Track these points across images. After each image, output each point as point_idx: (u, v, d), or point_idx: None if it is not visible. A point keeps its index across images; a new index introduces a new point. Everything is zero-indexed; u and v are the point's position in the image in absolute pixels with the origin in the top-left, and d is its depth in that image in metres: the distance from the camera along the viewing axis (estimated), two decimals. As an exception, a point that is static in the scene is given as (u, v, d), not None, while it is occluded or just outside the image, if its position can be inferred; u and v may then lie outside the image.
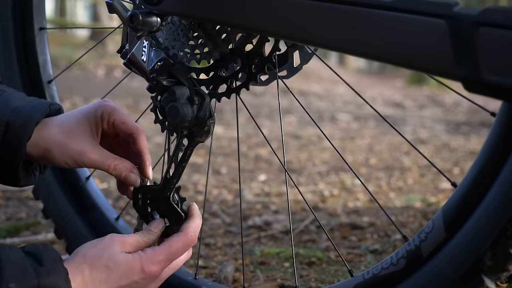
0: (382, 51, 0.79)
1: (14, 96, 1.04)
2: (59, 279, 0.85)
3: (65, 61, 8.14)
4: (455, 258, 0.89)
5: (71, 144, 1.02)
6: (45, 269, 0.84)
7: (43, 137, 1.02)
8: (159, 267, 0.95)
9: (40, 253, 0.86)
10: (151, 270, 0.94)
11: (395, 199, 2.49)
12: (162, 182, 1.05)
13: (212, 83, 1.09)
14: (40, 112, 1.02)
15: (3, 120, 1.00)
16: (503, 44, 0.69)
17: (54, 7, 16.28)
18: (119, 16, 1.03)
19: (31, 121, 1.00)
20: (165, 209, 1.05)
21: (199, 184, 2.74)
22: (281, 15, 0.87)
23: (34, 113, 1.01)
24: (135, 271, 0.93)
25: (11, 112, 1.01)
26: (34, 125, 1.00)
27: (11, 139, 1.00)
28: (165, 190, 1.04)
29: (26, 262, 0.83)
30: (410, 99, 7.97)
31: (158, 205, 1.05)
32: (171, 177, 1.04)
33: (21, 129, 1.00)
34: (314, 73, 10.23)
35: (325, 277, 1.54)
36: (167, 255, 0.96)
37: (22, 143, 1.00)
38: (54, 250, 0.88)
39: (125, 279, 0.92)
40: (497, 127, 0.87)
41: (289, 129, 4.68)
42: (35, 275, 0.83)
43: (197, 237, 1.00)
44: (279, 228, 2.02)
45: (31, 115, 1.01)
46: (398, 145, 4.04)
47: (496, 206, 0.85)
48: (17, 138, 1.00)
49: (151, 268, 0.94)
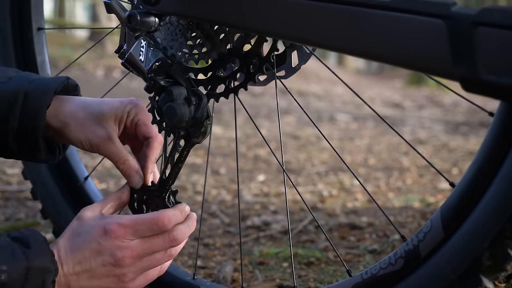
0: (380, 51, 0.79)
1: (31, 74, 1.07)
2: (46, 260, 0.89)
3: (64, 62, 8.14)
4: (453, 258, 0.89)
5: (92, 127, 1.03)
6: (33, 251, 0.87)
7: (64, 111, 1.04)
8: (123, 231, 0.95)
9: (26, 237, 0.89)
10: (112, 229, 0.94)
11: (393, 199, 2.49)
12: (158, 183, 1.05)
13: (210, 83, 1.08)
14: (58, 83, 1.04)
15: (21, 90, 1.02)
16: (501, 44, 0.69)
17: (53, 7, 16.28)
18: (117, 16, 1.03)
19: (50, 91, 1.02)
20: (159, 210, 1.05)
21: (197, 184, 2.74)
22: (279, 15, 0.87)
23: (52, 83, 1.04)
24: (100, 231, 0.95)
25: (29, 83, 1.03)
26: (52, 94, 1.02)
27: (30, 108, 1.02)
28: (161, 191, 1.04)
29: (14, 246, 0.87)
30: (409, 100, 7.97)
31: (153, 206, 1.05)
32: (167, 178, 1.04)
33: (40, 98, 1.02)
34: (313, 74, 10.23)
35: (323, 277, 1.54)
36: (130, 222, 0.96)
37: (42, 112, 1.01)
38: (39, 234, 0.91)
39: (92, 242, 0.94)
40: (495, 127, 0.87)
41: (288, 130, 4.68)
42: (24, 257, 0.86)
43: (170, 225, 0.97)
44: (278, 228, 2.02)
45: (49, 85, 1.03)
46: (397, 145, 4.04)
47: (494, 206, 0.85)
48: (36, 106, 1.02)
49: (113, 227, 0.95)
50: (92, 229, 0.95)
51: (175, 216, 0.99)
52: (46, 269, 0.88)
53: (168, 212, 0.98)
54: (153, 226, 0.96)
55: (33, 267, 0.86)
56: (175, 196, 1.06)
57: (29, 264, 0.86)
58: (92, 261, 0.94)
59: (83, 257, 0.94)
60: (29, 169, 1.41)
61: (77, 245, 0.94)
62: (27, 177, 1.43)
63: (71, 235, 0.96)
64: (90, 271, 0.94)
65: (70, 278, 0.93)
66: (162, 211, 0.98)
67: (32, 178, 1.42)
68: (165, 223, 0.97)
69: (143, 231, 0.96)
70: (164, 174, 1.04)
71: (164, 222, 0.97)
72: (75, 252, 0.94)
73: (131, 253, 0.96)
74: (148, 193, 1.05)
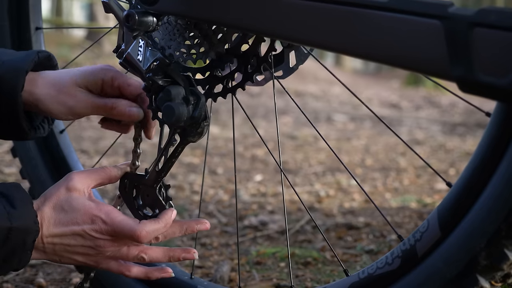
0: (377, 52, 0.79)
1: (3, 52, 1.08)
2: (29, 221, 0.92)
3: (62, 61, 8.09)
4: (450, 258, 0.89)
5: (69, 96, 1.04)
6: (18, 212, 0.90)
7: (36, 87, 1.05)
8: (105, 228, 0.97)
9: (12, 194, 0.92)
10: (98, 222, 0.96)
11: (390, 200, 2.49)
12: (150, 173, 1.05)
13: (208, 83, 1.09)
14: (28, 61, 1.05)
15: None
16: (498, 45, 0.69)
17: (51, 6, 16.25)
18: (115, 16, 1.03)
19: (21, 70, 1.03)
20: (150, 201, 1.05)
21: (195, 184, 2.74)
22: (276, 15, 0.87)
23: (23, 62, 1.04)
24: (86, 218, 0.97)
25: (0, 65, 1.04)
26: (24, 74, 1.03)
27: (6, 91, 1.03)
28: (152, 182, 1.05)
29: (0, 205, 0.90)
30: (406, 100, 7.98)
31: (143, 194, 1.06)
32: (160, 170, 1.04)
33: (13, 80, 1.03)
34: (311, 74, 10.23)
35: (320, 277, 1.55)
36: (112, 224, 0.97)
37: (17, 93, 1.03)
38: (24, 191, 0.94)
39: (76, 226, 0.96)
40: (492, 127, 0.88)
41: (285, 130, 4.68)
42: (8, 217, 0.89)
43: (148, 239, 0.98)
44: (275, 228, 2.02)
45: (20, 65, 1.04)
46: (394, 145, 4.05)
47: (491, 206, 0.86)
48: (11, 88, 1.03)
49: (99, 221, 0.97)
50: (78, 213, 0.97)
51: (155, 231, 0.99)
52: (29, 230, 0.92)
53: (148, 227, 0.98)
54: (130, 237, 0.98)
55: (15, 228, 0.90)
56: (167, 191, 1.06)
57: (12, 225, 0.89)
58: (72, 240, 0.97)
59: (64, 234, 0.97)
60: (27, 169, 1.41)
61: (61, 221, 0.96)
62: (25, 177, 1.43)
63: (56, 206, 0.97)
64: (68, 246, 0.98)
65: (46, 246, 0.97)
66: (143, 224, 0.98)
67: (30, 177, 1.42)
68: (141, 238, 0.97)
69: (121, 236, 0.98)
70: (157, 166, 1.05)
71: (140, 237, 0.97)
72: (58, 226, 0.96)
73: (111, 244, 0.99)
74: (139, 180, 1.06)
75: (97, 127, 4.32)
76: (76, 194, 0.98)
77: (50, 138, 1.38)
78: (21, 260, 0.93)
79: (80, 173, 1.01)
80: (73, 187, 0.99)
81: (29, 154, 1.39)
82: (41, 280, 1.51)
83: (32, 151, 1.39)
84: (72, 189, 0.98)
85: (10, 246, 0.90)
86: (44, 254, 0.98)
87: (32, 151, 1.39)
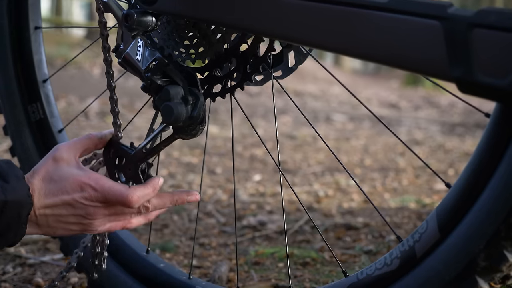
0: (376, 52, 0.79)
1: None
2: (22, 194, 0.93)
3: (61, 60, 8.13)
4: (449, 259, 0.89)
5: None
6: (11, 186, 0.92)
7: None
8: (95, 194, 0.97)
9: (4, 170, 0.93)
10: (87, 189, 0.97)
11: (389, 200, 2.49)
12: (136, 151, 1.05)
13: (207, 83, 1.08)
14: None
15: None
16: (497, 46, 0.69)
17: (50, 6, 16.25)
18: (114, 16, 1.03)
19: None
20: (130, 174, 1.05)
21: (193, 183, 2.74)
22: (275, 16, 0.87)
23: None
24: (75, 186, 0.97)
25: None
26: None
27: None
28: (136, 159, 1.05)
29: None
30: (405, 100, 7.99)
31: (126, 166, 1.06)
32: (146, 152, 1.04)
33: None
34: (310, 74, 10.23)
35: (319, 277, 1.54)
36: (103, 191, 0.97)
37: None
38: (17, 168, 0.95)
39: (66, 195, 0.97)
40: (491, 128, 0.87)
41: (284, 130, 4.68)
42: (1, 190, 0.91)
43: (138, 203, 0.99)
44: (274, 228, 2.02)
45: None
46: (393, 146, 4.05)
47: (490, 207, 0.85)
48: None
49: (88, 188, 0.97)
50: (67, 182, 0.97)
51: (145, 195, 1.00)
52: (22, 204, 0.93)
53: (138, 192, 0.99)
54: (121, 202, 0.98)
55: (10, 201, 0.91)
56: (149, 169, 1.06)
57: (7, 198, 0.91)
58: (63, 209, 0.98)
59: (55, 204, 0.97)
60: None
61: (51, 191, 0.97)
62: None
63: (46, 177, 0.97)
64: (60, 216, 0.98)
65: (39, 218, 0.97)
66: (133, 188, 0.99)
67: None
68: (133, 203, 0.98)
69: (112, 202, 0.99)
70: (144, 148, 1.04)
71: (132, 202, 0.98)
72: (49, 197, 0.96)
73: (102, 211, 0.99)
74: (124, 153, 1.06)
75: (95, 126, 4.32)
76: (64, 164, 0.99)
77: (48, 137, 1.38)
78: (17, 234, 0.94)
79: (66, 143, 1.02)
80: (60, 157, 0.99)
81: (28, 153, 1.39)
82: (39, 280, 1.51)
83: (31, 150, 1.39)
84: (59, 159, 0.99)
85: (5, 220, 0.92)
86: (38, 227, 0.98)
87: (30, 150, 1.39)
